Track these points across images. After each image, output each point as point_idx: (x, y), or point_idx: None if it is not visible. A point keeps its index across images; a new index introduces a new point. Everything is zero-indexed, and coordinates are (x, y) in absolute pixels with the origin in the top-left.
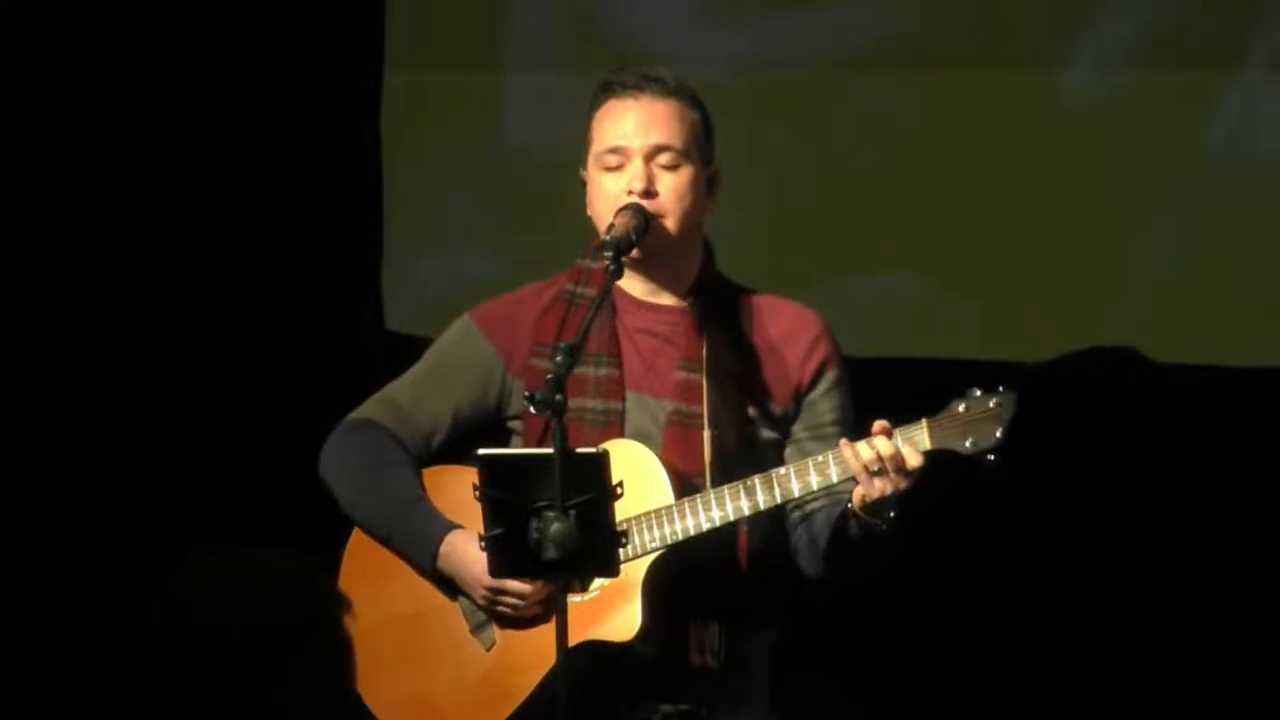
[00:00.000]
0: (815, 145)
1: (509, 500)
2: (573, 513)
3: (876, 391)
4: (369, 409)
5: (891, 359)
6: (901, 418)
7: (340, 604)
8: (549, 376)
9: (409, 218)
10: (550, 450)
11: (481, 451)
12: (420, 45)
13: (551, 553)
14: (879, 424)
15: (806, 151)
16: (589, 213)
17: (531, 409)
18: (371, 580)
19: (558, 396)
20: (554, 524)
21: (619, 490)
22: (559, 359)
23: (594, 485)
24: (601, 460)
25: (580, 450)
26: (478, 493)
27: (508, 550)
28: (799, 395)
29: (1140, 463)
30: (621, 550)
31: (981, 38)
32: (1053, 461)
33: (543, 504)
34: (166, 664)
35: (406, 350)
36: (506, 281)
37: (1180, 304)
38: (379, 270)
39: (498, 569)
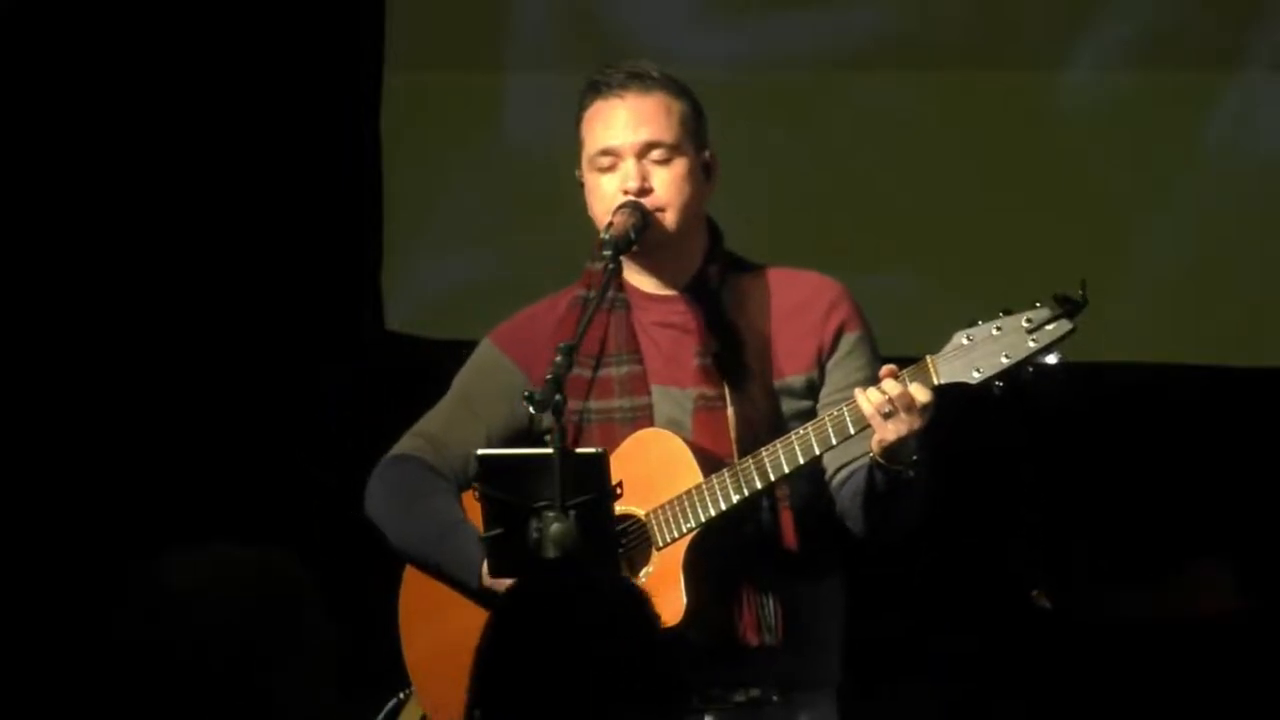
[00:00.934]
0: (815, 145)
1: (509, 500)
2: (572, 513)
3: None
4: (404, 444)
5: (891, 359)
6: None
7: (310, 593)
8: (548, 376)
9: (409, 218)
10: (550, 450)
11: (481, 452)
12: (420, 45)
13: (551, 553)
14: (886, 368)
15: (806, 151)
16: (589, 213)
17: (531, 409)
18: (429, 614)
19: (557, 396)
20: (554, 524)
21: (619, 490)
22: (557, 359)
23: (594, 485)
24: (601, 460)
25: (580, 450)
26: (478, 493)
27: (507, 550)
28: (821, 361)
29: (1140, 463)
30: (660, 534)
31: (981, 38)
32: (1054, 463)
33: (543, 504)
34: (156, 664)
35: (406, 350)
36: (506, 281)
37: (1180, 304)
38: (379, 270)
39: (497, 569)
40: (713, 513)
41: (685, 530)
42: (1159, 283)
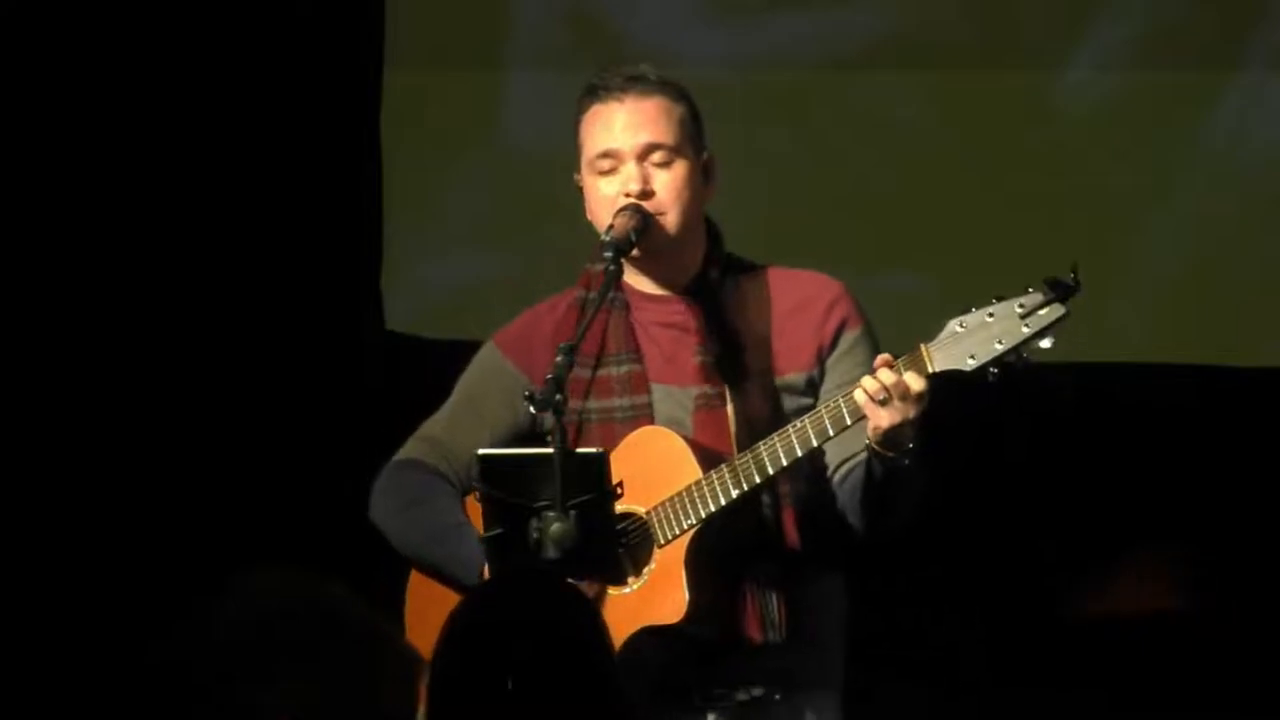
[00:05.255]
0: (815, 145)
1: (509, 500)
2: (573, 513)
3: None
4: (409, 448)
5: None
6: None
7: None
8: (549, 376)
9: (409, 218)
10: (550, 450)
11: (481, 451)
12: (420, 45)
13: (551, 553)
14: (881, 358)
15: (806, 151)
16: (588, 217)
17: (531, 409)
18: (434, 620)
19: (558, 396)
20: (554, 524)
21: (619, 490)
22: (558, 359)
23: (594, 485)
24: (601, 460)
25: (580, 450)
26: (477, 493)
27: (508, 550)
28: (821, 359)
29: (1140, 463)
30: (661, 531)
31: (981, 38)
32: (1050, 464)
33: (543, 504)
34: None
35: (406, 350)
36: (506, 281)
37: (1180, 304)
38: (379, 270)
39: (497, 570)
40: (713, 508)
41: (686, 527)
42: (1159, 283)
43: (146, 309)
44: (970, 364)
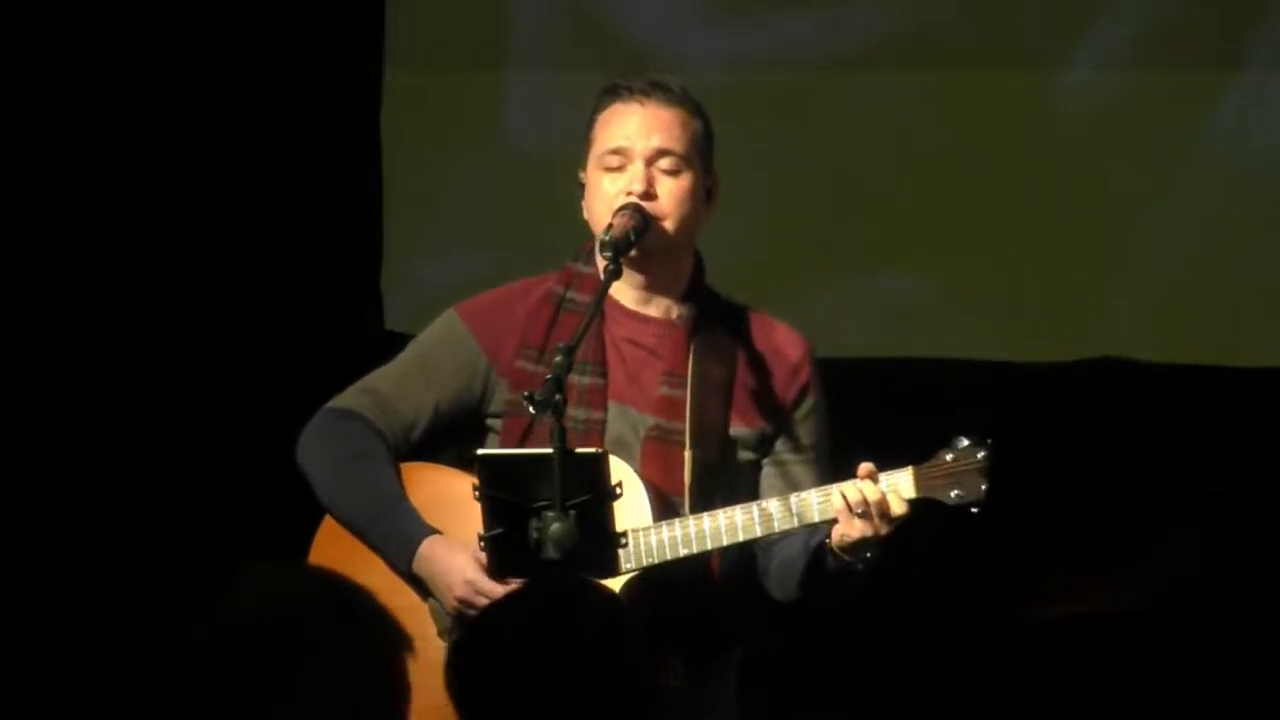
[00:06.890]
0: (815, 145)
1: (509, 500)
2: (572, 513)
3: (875, 392)
4: (350, 398)
5: (891, 359)
6: (899, 418)
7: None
8: (549, 376)
9: (409, 218)
10: (550, 450)
11: (481, 451)
12: (420, 45)
13: (551, 553)
14: (864, 466)
15: (806, 151)
16: (585, 215)
17: (531, 409)
18: (340, 566)
19: (557, 396)
20: (554, 524)
21: (618, 490)
22: (558, 359)
23: (593, 485)
24: (601, 460)
25: (580, 450)
26: (477, 492)
27: (507, 550)
28: (779, 418)
29: (1138, 463)
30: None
31: (981, 38)
32: (1046, 464)
33: (543, 504)
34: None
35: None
36: (506, 281)
37: (1180, 304)
38: (379, 270)
39: (498, 569)
40: (656, 560)
41: (624, 569)
42: (1159, 283)
43: (147, 308)
44: (953, 498)
